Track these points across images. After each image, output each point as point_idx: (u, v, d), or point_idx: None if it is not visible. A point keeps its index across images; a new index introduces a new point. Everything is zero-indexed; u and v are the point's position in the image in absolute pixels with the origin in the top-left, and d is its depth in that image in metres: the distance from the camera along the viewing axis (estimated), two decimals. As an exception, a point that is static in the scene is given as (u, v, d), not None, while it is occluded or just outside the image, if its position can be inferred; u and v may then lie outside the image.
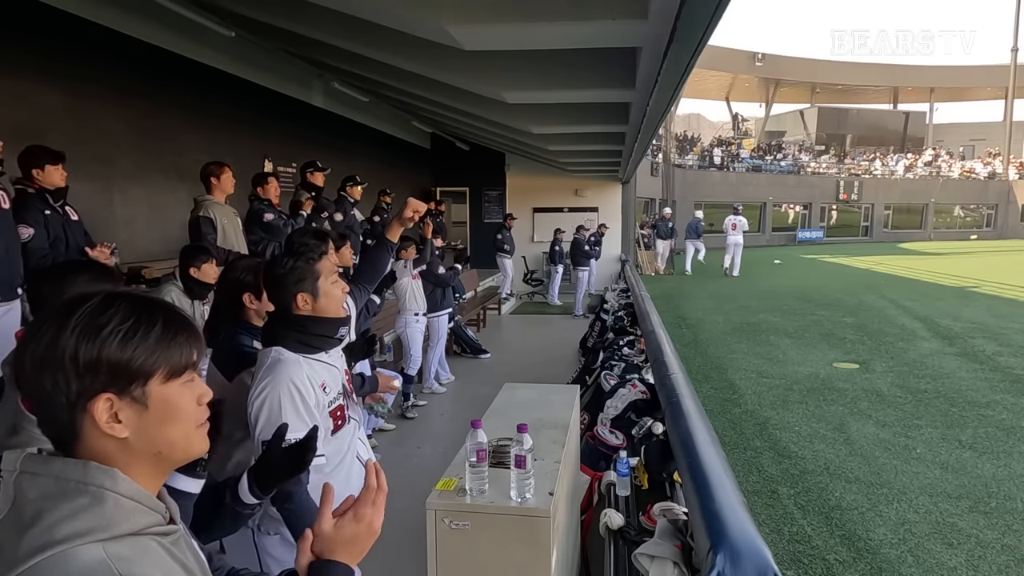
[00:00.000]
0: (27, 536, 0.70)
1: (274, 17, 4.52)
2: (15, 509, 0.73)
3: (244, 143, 6.86)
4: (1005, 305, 11.51)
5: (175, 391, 0.82)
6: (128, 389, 0.78)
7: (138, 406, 0.79)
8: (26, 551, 0.69)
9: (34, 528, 0.71)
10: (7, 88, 4.20)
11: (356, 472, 1.91)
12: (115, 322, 0.77)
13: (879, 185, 30.84)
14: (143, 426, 0.80)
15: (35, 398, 0.78)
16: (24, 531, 0.71)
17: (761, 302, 11.98)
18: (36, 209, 3.41)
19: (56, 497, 0.73)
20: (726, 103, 38.42)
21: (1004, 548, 3.51)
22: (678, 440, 2.41)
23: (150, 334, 0.79)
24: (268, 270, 1.88)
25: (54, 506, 0.72)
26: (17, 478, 0.74)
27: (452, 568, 1.75)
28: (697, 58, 3.55)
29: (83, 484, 0.75)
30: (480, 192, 14.59)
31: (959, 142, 37.93)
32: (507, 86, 4.67)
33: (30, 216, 3.37)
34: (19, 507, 0.73)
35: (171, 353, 0.81)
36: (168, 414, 0.82)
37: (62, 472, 0.75)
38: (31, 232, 3.34)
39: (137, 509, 0.78)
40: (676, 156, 26.20)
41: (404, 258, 5.71)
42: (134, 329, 0.78)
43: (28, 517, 0.72)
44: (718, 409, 5.83)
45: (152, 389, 0.80)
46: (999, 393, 6.25)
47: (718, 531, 1.47)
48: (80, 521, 0.72)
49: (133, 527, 0.76)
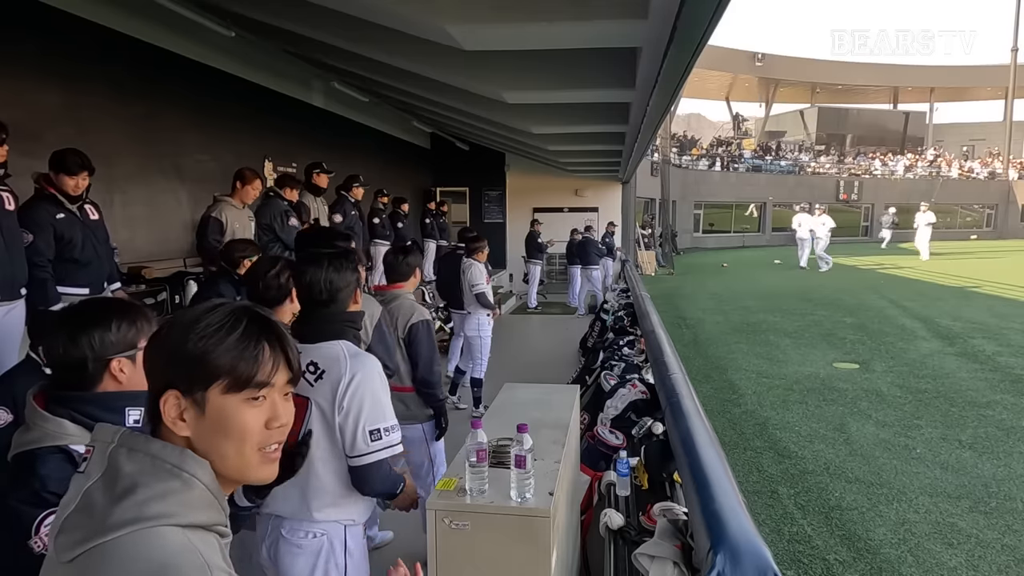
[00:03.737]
0: (120, 506, 0.74)
1: (274, 17, 4.52)
2: (108, 477, 0.76)
3: (244, 143, 6.86)
4: (1005, 305, 11.51)
5: (233, 405, 0.82)
6: (191, 390, 0.81)
7: (197, 409, 0.82)
8: (117, 520, 0.73)
9: (126, 500, 0.74)
10: (6, 88, 4.20)
11: None
12: (203, 324, 0.82)
13: (879, 185, 30.83)
14: (201, 432, 0.82)
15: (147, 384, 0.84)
16: (117, 500, 0.74)
17: (761, 302, 11.98)
18: (45, 213, 3.38)
19: (151, 475, 0.77)
20: (726, 103, 38.43)
21: (1004, 548, 3.51)
22: (678, 440, 2.41)
23: (225, 340, 0.81)
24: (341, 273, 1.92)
25: (147, 483, 0.76)
26: (114, 450, 0.78)
27: (452, 568, 1.75)
28: (697, 58, 3.55)
29: (177, 468, 0.78)
30: (480, 192, 14.59)
31: (959, 142, 37.91)
32: (507, 86, 4.67)
33: (33, 221, 3.34)
34: (113, 476, 0.76)
35: (238, 364, 0.81)
36: (222, 427, 0.82)
37: (160, 453, 0.78)
38: (30, 238, 3.30)
39: (213, 504, 0.81)
40: (675, 156, 26.21)
41: (480, 260, 5.59)
42: (213, 332, 0.81)
43: (122, 488, 0.75)
44: (718, 409, 5.83)
45: (211, 396, 0.81)
46: (999, 393, 6.25)
47: (718, 531, 1.47)
48: (169, 503, 0.75)
49: (207, 520, 0.79)
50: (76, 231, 3.49)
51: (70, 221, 3.48)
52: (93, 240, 3.60)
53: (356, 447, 1.76)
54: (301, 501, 1.79)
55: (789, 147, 33.99)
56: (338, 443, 1.78)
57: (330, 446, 1.79)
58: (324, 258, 1.94)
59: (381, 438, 1.78)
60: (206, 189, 6.16)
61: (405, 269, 3.27)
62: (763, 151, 31.88)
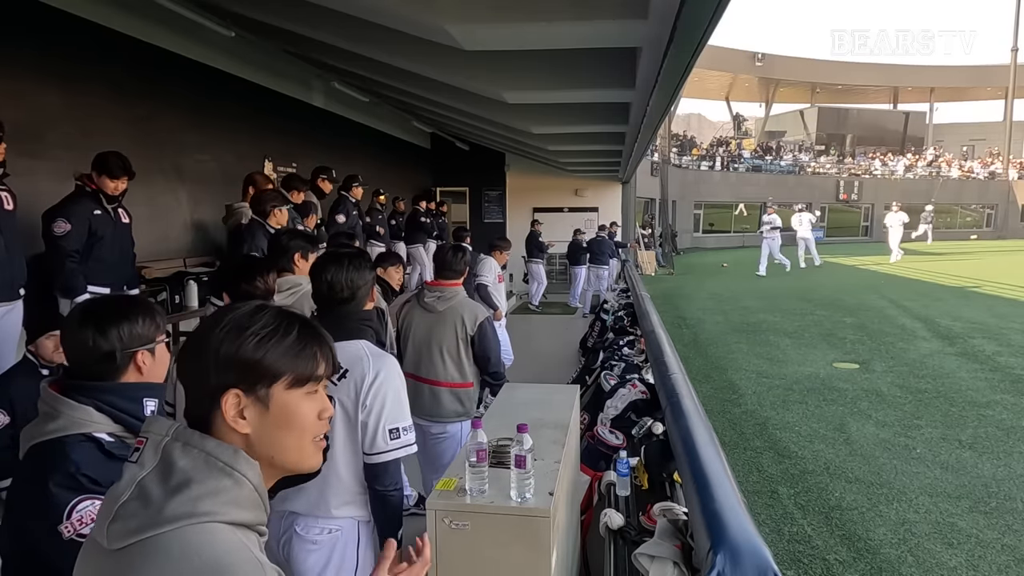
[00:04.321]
0: (174, 500, 0.76)
1: (274, 17, 4.52)
2: (162, 469, 0.79)
3: (244, 143, 6.86)
4: (1005, 305, 11.51)
5: (296, 399, 0.87)
6: (255, 388, 0.84)
7: (261, 406, 0.85)
8: (172, 514, 0.75)
9: (181, 494, 0.76)
10: (6, 88, 4.19)
11: None
12: (257, 326, 0.85)
13: (879, 185, 30.83)
14: (263, 427, 0.85)
15: (186, 385, 0.86)
16: (172, 494, 0.76)
17: (761, 302, 11.98)
18: (85, 207, 3.53)
19: (204, 471, 0.79)
20: (726, 103, 38.43)
21: (1004, 548, 3.51)
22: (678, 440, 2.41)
23: (284, 341, 0.86)
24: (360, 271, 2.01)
25: (201, 479, 0.78)
26: (169, 443, 0.80)
27: (452, 568, 1.74)
28: (697, 58, 3.56)
29: (229, 467, 0.80)
30: (480, 192, 14.60)
31: (959, 142, 37.91)
32: (507, 86, 4.67)
33: (72, 212, 3.49)
34: (167, 469, 0.78)
35: (299, 362, 0.87)
36: (286, 420, 0.86)
37: (215, 451, 0.81)
38: (66, 228, 3.44)
39: (258, 504, 0.83)
40: (675, 156, 26.20)
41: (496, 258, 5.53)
42: (271, 334, 0.85)
43: (176, 482, 0.77)
44: (718, 409, 5.83)
45: (275, 392, 0.85)
46: (999, 393, 6.24)
47: (718, 531, 1.47)
48: (220, 500, 0.78)
49: (253, 519, 0.82)
50: (108, 230, 3.66)
51: (105, 219, 3.64)
52: (121, 242, 3.78)
53: (376, 445, 1.82)
54: (319, 497, 1.83)
55: (789, 147, 33.99)
56: (358, 440, 1.83)
57: (351, 444, 1.84)
58: (344, 257, 2.01)
59: (399, 437, 1.85)
60: (206, 189, 6.16)
61: (461, 267, 3.30)
62: (763, 151, 31.87)
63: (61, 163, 4.62)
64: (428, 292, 3.26)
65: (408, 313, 3.31)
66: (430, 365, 3.18)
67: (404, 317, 3.32)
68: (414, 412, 3.30)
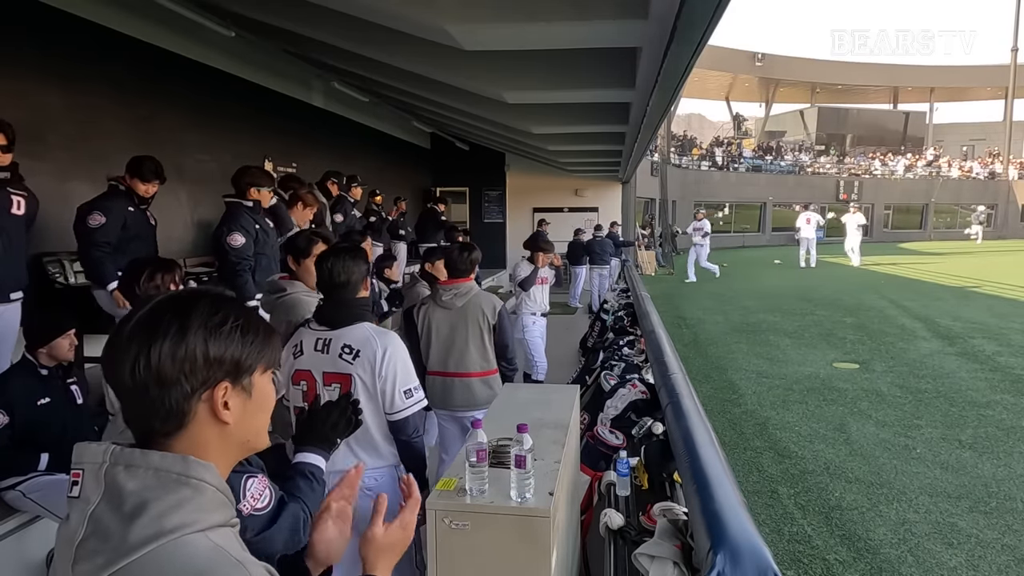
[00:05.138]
0: (135, 525, 0.73)
1: (274, 17, 4.52)
2: (111, 499, 0.75)
3: (244, 143, 6.86)
4: (1005, 305, 11.51)
5: (267, 382, 0.91)
6: (239, 379, 0.86)
7: (244, 395, 0.87)
8: (138, 539, 0.72)
9: (141, 518, 0.73)
10: (6, 88, 4.19)
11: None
12: (230, 322, 0.85)
13: (879, 185, 30.84)
14: (245, 413, 0.87)
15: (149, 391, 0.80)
16: (131, 520, 0.73)
17: (761, 302, 11.98)
18: (119, 204, 3.70)
19: (158, 488, 0.76)
20: (726, 103, 38.43)
21: (1004, 548, 3.51)
22: (678, 440, 2.41)
23: (258, 332, 0.89)
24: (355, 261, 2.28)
25: (159, 496, 0.75)
26: (110, 470, 0.77)
27: (452, 568, 1.75)
28: (697, 58, 3.56)
29: (184, 476, 0.78)
30: (480, 192, 14.60)
31: (959, 142, 37.92)
32: (507, 86, 4.67)
33: (108, 208, 3.63)
34: (117, 497, 0.75)
35: (270, 349, 0.91)
36: (264, 403, 0.91)
37: (162, 464, 0.78)
38: (101, 220, 3.57)
39: (224, 503, 0.82)
40: (675, 156, 26.20)
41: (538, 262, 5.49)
42: (245, 328, 0.87)
43: (131, 507, 0.74)
44: (718, 409, 5.83)
45: (256, 379, 0.88)
46: (999, 393, 6.25)
47: (718, 531, 1.47)
48: (186, 512, 0.75)
49: (223, 519, 0.80)
50: (140, 228, 3.80)
51: (137, 218, 3.78)
52: (148, 242, 3.90)
53: (395, 405, 2.19)
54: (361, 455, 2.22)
55: (789, 147, 33.99)
56: (379, 404, 2.19)
57: (374, 407, 2.20)
58: (342, 250, 2.31)
59: (412, 395, 2.22)
60: (206, 189, 6.16)
61: (468, 266, 3.53)
62: (763, 151, 31.87)
63: (62, 163, 4.62)
64: (444, 291, 3.46)
65: (427, 314, 3.49)
66: (459, 359, 3.41)
67: (424, 318, 3.49)
68: (449, 406, 3.47)
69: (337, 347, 2.17)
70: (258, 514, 1.33)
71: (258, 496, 1.38)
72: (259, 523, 1.36)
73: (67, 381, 3.00)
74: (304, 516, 1.48)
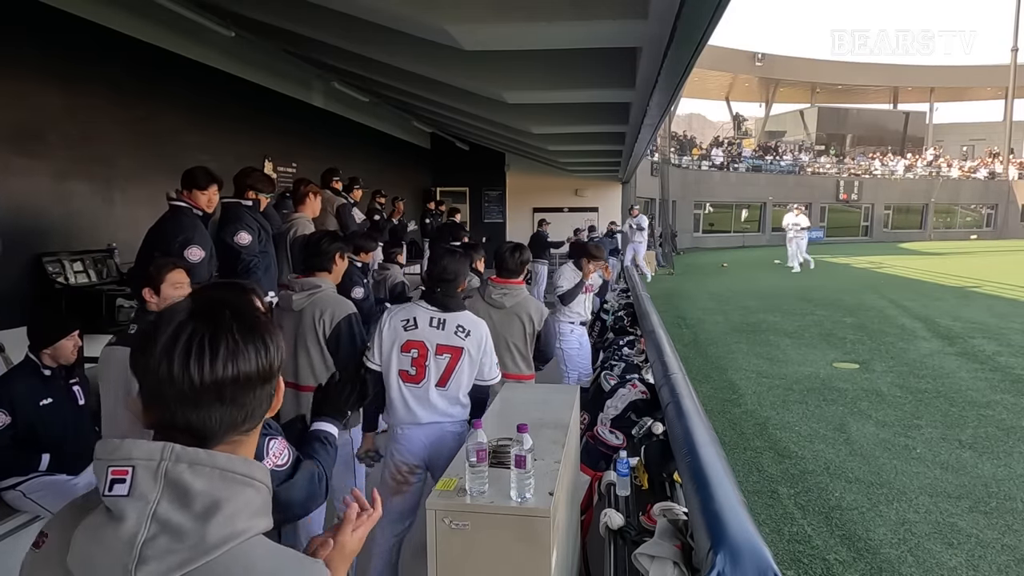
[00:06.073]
0: (211, 524, 0.74)
1: (274, 17, 4.52)
2: (176, 496, 0.75)
3: (244, 143, 6.86)
4: (1005, 305, 11.51)
5: None
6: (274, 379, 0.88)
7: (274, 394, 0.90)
8: (216, 539, 0.74)
9: (216, 517, 0.74)
10: (6, 89, 4.19)
11: None
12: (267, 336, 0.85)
13: (879, 185, 30.82)
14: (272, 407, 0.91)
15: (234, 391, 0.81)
16: (206, 519, 0.74)
17: (761, 302, 11.98)
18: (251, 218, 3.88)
19: (226, 489, 0.77)
20: (726, 103, 38.42)
21: (1004, 548, 3.51)
22: (678, 440, 2.41)
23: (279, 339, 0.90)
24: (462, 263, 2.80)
25: (228, 496, 0.76)
26: (171, 467, 0.75)
27: (452, 568, 1.75)
28: (697, 58, 3.56)
29: (248, 478, 0.79)
30: (480, 192, 14.60)
31: (959, 142, 37.90)
32: (507, 86, 4.68)
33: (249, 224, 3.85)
34: (184, 496, 0.75)
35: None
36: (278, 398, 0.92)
37: (228, 465, 0.78)
38: (248, 239, 3.77)
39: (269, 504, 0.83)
40: (675, 156, 26.20)
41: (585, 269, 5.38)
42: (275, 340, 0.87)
43: (203, 506, 0.75)
44: (718, 409, 5.83)
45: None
46: (999, 393, 6.24)
47: (718, 531, 1.48)
48: (250, 512, 0.78)
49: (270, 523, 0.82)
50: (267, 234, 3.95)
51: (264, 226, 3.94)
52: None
53: (491, 372, 2.74)
54: (447, 408, 2.65)
55: (789, 147, 33.99)
56: (474, 372, 2.67)
57: (471, 375, 2.67)
58: (454, 252, 2.84)
59: (495, 370, 2.77)
60: (206, 189, 6.15)
61: (518, 267, 3.56)
62: (763, 151, 31.87)
63: (61, 163, 4.62)
64: (494, 288, 3.49)
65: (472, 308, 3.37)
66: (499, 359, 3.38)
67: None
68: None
69: (452, 326, 2.63)
70: (279, 470, 1.55)
71: (279, 455, 1.57)
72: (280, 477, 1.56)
73: (69, 382, 3.00)
74: (319, 472, 1.66)
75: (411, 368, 2.60)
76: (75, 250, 4.56)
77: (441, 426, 2.66)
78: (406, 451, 2.66)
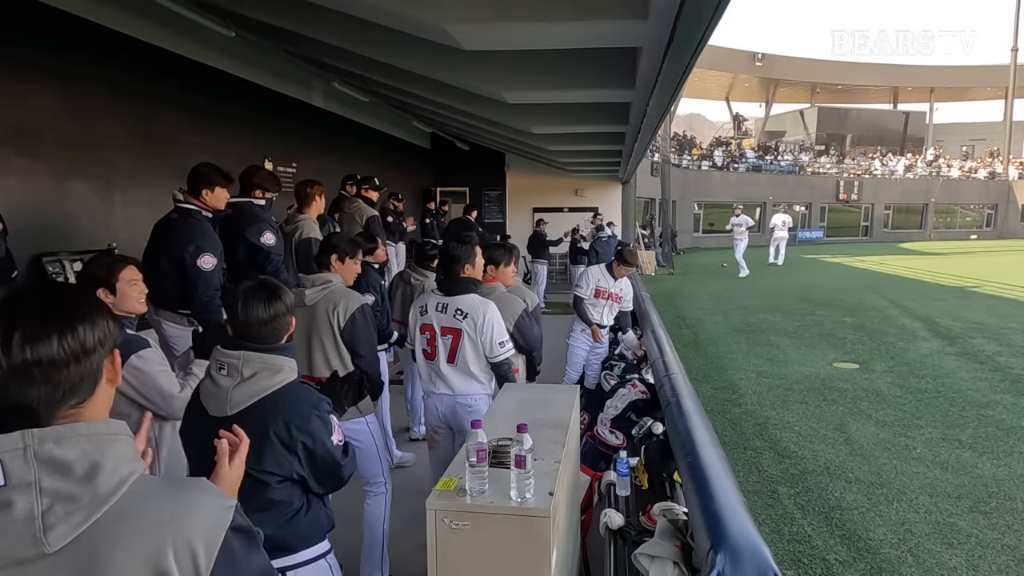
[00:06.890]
0: (99, 480, 0.83)
1: (274, 17, 4.51)
2: (54, 471, 0.82)
3: (244, 143, 6.86)
4: (1005, 305, 11.51)
5: None
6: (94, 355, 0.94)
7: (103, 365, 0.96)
8: (108, 490, 0.83)
9: (101, 474, 0.84)
10: (6, 89, 4.19)
11: None
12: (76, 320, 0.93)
13: (879, 185, 30.83)
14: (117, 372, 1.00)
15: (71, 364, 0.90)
16: (92, 478, 0.83)
17: (761, 302, 11.98)
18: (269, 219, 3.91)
19: (100, 449, 0.86)
20: (726, 103, 38.43)
21: (1004, 548, 3.51)
22: (678, 440, 2.41)
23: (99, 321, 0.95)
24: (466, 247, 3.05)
25: (106, 453, 0.86)
26: (39, 449, 0.82)
27: (452, 568, 1.75)
28: (697, 58, 3.55)
29: (112, 435, 0.89)
30: (480, 192, 14.59)
31: (959, 142, 37.91)
32: (507, 86, 4.67)
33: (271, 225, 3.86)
34: (61, 467, 0.82)
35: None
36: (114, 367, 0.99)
37: (90, 430, 0.88)
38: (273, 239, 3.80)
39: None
40: (675, 156, 26.19)
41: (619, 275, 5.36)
42: (89, 322, 0.93)
43: (84, 470, 0.83)
44: (718, 409, 5.83)
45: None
46: (999, 393, 6.25)
47: (718, 531, 1.48)
48: (130, 459, 0.89)
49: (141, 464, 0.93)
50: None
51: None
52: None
53: (493, 351, 2.93)
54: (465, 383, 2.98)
55: (789, 147, 33.98)
56: (479, 350, 2.93)
57: (476, 352, 2.94)
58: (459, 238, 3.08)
59: (504, 345, 2.96)
60: (206, 189, 6.15)
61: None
62: (763, 151, 31.87)
63: (61, 163, 4.62)
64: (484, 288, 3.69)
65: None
66: None
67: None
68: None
69: (452, 309, 2.94)
70: (339, 445, 1.76)
71: (339, 431, 1.78)
72: (340, 452, 1.77)
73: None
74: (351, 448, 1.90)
75: (428, 347, 3.01)
76: (75, 250, 4.55)
77: (453, 398, 3.03)
78: (430, 415, 3.12)
